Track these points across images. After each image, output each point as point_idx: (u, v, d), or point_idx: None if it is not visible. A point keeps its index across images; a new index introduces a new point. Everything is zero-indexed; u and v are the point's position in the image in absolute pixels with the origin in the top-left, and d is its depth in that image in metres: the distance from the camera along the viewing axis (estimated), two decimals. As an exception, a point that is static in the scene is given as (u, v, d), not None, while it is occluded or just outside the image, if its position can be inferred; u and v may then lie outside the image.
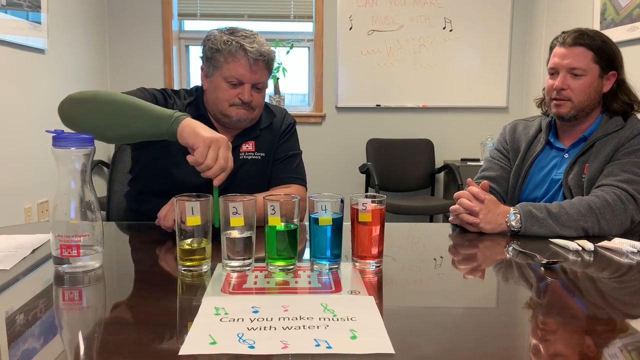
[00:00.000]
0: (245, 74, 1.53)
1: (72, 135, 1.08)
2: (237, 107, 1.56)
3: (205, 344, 0.76)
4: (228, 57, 1.53)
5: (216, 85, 1.57)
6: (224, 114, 1.57)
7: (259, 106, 1.61)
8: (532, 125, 1.79)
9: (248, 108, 1.57)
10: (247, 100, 1.55)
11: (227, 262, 1.09)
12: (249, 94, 1.55)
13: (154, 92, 1.60)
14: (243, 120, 1.58)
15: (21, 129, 3.10)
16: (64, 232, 1.06)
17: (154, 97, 1.58)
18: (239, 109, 1.56)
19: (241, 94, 1.55)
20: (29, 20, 3.16)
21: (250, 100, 1.56)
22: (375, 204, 1.10)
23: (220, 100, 1.56)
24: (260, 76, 1.56)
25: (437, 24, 4.37)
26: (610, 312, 0.95)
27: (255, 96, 1.58)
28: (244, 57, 1.52)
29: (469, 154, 4.38)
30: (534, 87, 4.24)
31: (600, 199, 1.46)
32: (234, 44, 1.52)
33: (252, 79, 1.55)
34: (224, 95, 1.56)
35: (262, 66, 1.55)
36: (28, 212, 3.21)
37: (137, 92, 1.56)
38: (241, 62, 1.52)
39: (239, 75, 1.53)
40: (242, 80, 1.54)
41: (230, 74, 1.54)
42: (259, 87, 1.58)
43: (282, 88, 4.42)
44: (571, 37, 1.61)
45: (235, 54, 1.52)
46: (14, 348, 0.76)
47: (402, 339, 0.80)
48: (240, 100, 1.55)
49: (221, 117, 1.60)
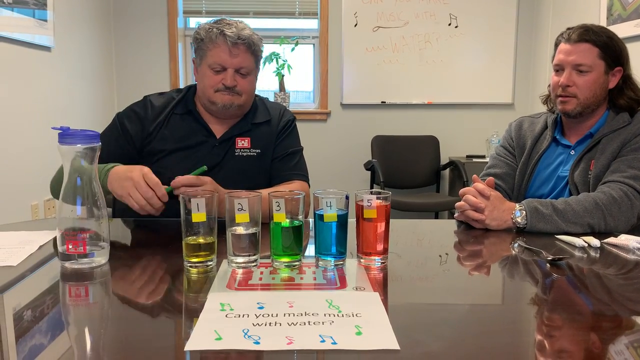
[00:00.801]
0: (226, 59, 1.58)
1: (77, 132, 1.08)
2: (221, 92, 1.61)
3: (210, 340, 0.76)
4: (209, 44, 1.59)
5: (202, 74, 1.63)
6: (211, 100, 1.62)
7: (245, 92, 1.64)
8: (538, 122, 1.79)
9: (233, 93, 1.61)
10: (229, 84, 1.59)
11: (232, 259, 1.09)
12: (232, 79, 1.59)
13: (128, 113, 1.67)
14: (229, 106, 1.62)
15: (28, 126, 3.11)
16: (70, 229, 1.07)
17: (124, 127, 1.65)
18: (223, 95, 1.61)
19: (224, 79, 1.59)
20: (35, 18, 3.17)
21: (234, 84, 1.60)
22: (380, 201, 1.10)
23: (206, 87, 1.62)
24: (242, 60, 1.60)
25: (442, 21, 4.36)
26: (617, 308, 0.95)
27: (240, 81, 1.61)
28: (223, 42, 1.57)
29: (475, 151, 4.37)
30: (540, 84, 4.22)
31: (606, 195, 1.46)
32: (214, 30, 1.58)
33: (233, 63, 1.59)
34: (209, 81, 1.61)
35: (242, 49, 1.59)
36: (35, 209, 3.22)
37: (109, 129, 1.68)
38: (221, 47, 1.58)
39: (221, 61, 1.58)
40: (224, 65, 1.59)
41: (212, 60, 1.59)
42: (242, 73, 1.62)
43: (287, 85, 4.42)
44: (576, 33, 1.60)
45: (216, 40, 1.58)
46: (21, 344, 0.76)
47: (408, 334, 0.80)
48: (224, 85, 1.59)
49: (209, 105, 1.64)
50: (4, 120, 2.93)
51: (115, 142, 1.64)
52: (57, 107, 3.47)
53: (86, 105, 3.91)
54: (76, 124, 2.47)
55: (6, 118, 2.94)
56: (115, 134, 1.65)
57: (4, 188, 2.91)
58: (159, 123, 1.65)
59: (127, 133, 1.64)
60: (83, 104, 3.86)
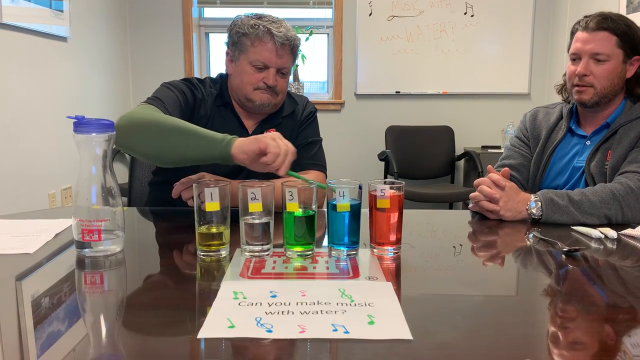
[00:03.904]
0: (272, 58, 1.55)
1: (92, 120, 1.09)
2: (261, 91, 1.58)
3: (223, 328, 0.77)
4: (255, 40, 1.55)
5: (242, 69, 1.58)
6: (248, 98, 1.59)
7: (282, 91, 1.62)
8: (553, 112, 1.77)
9: (272, 93, 1.59)
10: (271, 84, 1.57)
11: (245, 247, 1.10)
12: (274, 79, 1.57)
13: (180, 86, 1.59)
14: (266, 105, 1.60)
15: (44, 116, 3.15)
16: (86, 217, 1.08)
17: (181, 93, 1.57)
18: (263, 93, 1.58)
19: (266, 78, 1.57)
20: (52, 8, 3.19)
21: (275, 84, 1.58)
22: (393, 191, 1.10)
23: (245, 83, 1.58)
24: (286, 61, 1.58)
25: (458, 9, 4.32)
26: (632, 300, 0.94)
27: (280, 81, 1.59)
28: (270, 41, 1.54)
29: (490, 141, 4.34)
30: (556, 74, 4.17)
31: (623, 186, 1.44)
32: (261, 27, 1.54)
33: (277, 63, 1.57)
34: (249, 78, 1.57)
35: (287, 51, 1.57)
36: (52, 197, 3.26)
37: (162, 89, 1.56)
38: (268, 45, 1.54)
39: (265, 59, 1.55)
40: (268, 64, 1.56)
41: (256, 57, 1.56)
42: (283, 72, 1.60)
43: (301, 76, 4.41)
44: (594, 22, 1.58)
45: (263, 38, 1.54)
46: (39, 330, 0.77)
47: (420, 325, 0.80)
48: (265, 84, 1.57)
49: (245, 102, 1.61)
50: (21, 109, 2.96)
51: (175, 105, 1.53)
52: (73, 96, 3.50)
53: (101, 95, 3.94)
54: (91, 113, 2.49)
55: (23, 107, 2.98)
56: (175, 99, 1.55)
57: (21, 177, 2.95)
58: (206, 114, 1.60)
59: (187, 102, 1.57)
60: (98, 94, 3.89)
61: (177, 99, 1.55)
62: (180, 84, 1.61)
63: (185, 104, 1.57)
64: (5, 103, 2.82)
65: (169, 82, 1.61)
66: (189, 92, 1.60)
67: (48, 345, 0.73)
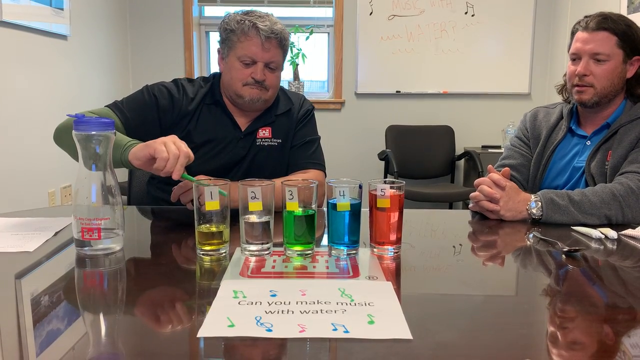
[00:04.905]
0: (258, 52, 1.55)
1: (92, 119, 1.09)
2: (250, 86, 1.58)
3: (223, 327, 0.77)
4: (241, 36, 1.56)
5: (230, 66, 1.59)
6: (238, 94, 1.60)
7: (272, 87, 1.62)
8: (553, 112, 1.76)
9: (261, 88, 1.59)
10: (259, 79, 1.57)
11: (245, 247, 1.10)
12: (262, 73, 1.57)
13: (154, 89, 1.62)
14: (256, 101, 1.60)
15: (44, 114, 3.14)
16: (85, 215, 1.08)
17: (151, 96, 1.60)
18: (252, 89, 1.58)
19: (254, 72, 1.57)
20: (52, 6, 3.19)
21: (263, 79, 1.58)
22: (393, 190, 1.10)
23: (234, 80, 1.59)
24: (273, 55, 1.58)
25: (458, 9, 4.31)
26: (632, 301, 0.94)
27: (269, 76, 1.59)
28: (256, 35, 1.54)
29: (490, 141, 4.33)
30: (557, 74, 4.16)
31: (624, 186, 1.44)
32: (246, 23, 1.55)
33: (264, 57, 1.56)
34: (238, 74, 1.58)
35: (274, 44, 1.57)
36: (52, 196, 3.26)
37: (134, 93, 1.62)
38: (253, 40, 1.55)
39: (252, 54, 1.56)
40: (255, 58, 1.56)
41: (243, 52, 1.56)
42: (272, 67, 1.59)
43: (302, 75, 4.41)
44: (594, 22, 1.58)
45: (248, 33, 1.55)
46: (38, 329, 0.77)
47: (420, 324, 0.80)
48: (254, 79, 1.57)
49: (235, 98, 1.62)
50: (21, 108, 2.96)
51: (141, 108, 1.58)
52: (73, 95, 3.50)
53: (101, 93, 3.93)
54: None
55: (23, 106, 2.97)
56: (143, 101, 1.59)
57: (21, 175, 2.95)
58: (190, 112, 1.62)
59: (157, 105, 1.59)
60: (98, 92, 3.89)
61: (144, 101, 1.59)
62: (158, 86, 1.63)
63: (157, 105, 1.59)
64: (5, 101, 2.82)
65: (151, 84, 1.65)
66: (165, 92, 1.61)
67: (47, 343, 0.73)
